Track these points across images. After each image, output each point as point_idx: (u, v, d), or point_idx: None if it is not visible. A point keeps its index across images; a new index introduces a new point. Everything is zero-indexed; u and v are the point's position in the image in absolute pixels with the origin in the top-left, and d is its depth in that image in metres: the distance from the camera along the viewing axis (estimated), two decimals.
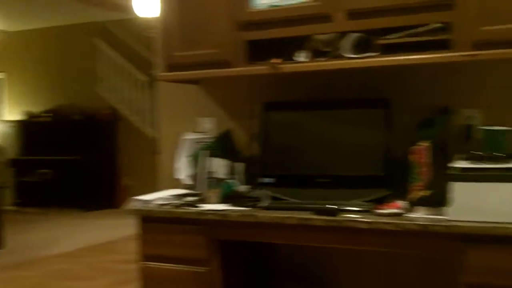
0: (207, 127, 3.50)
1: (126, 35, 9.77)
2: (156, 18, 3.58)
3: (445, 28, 2.61)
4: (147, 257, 3.01)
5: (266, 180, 2.99)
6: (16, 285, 5.27)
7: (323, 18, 2.83)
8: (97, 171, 9.64)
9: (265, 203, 2.80)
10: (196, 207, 2.91)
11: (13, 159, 10.12)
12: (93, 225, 8.31)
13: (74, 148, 9.71)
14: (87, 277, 5.50)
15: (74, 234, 7.63)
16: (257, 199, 2.83)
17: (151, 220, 2.98)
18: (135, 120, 9.73)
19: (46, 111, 10.27)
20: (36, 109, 10.42)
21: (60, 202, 9.61)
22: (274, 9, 2.96)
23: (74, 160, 9.63)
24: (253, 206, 2.81)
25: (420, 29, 2.66)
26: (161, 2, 3.30)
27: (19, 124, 10.48)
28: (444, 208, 2.43)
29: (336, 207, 2.62)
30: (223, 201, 2.93)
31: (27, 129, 10.37)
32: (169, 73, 3.25)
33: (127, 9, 7.10)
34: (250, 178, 3.07)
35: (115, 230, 7.62)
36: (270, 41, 2.98)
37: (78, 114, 9.96)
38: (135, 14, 6.21)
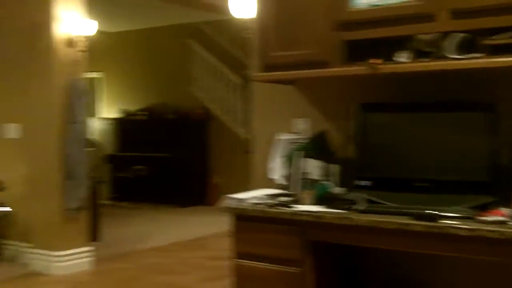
0: (301, 128, 3.48)
1: (219, 36, 9.93)
2: (252, 18, 3.60)
3: None
4: (240, 255, 3.03)
5: (363, 182, 2.94)
6: (112, 276, 5.47)
7: (426, 17, 2.75)
8: (189, 168, 9.85)
9: (362, 206, 2.75)
10: (290, 207, 2.90)
11: (110, 155, 10.50)
12: (184, 221, 8.49)
13: (167, 146, 9.98)
14: (179, 271, 5.62)
15: (167, 229, 7.83)
16: (353, 202, 2.79)
17: (244, 219, 3.01)
18: (226, 120, 9.87)
19: (142, 110, 10.61)
20: (132, 107, 10.77)
21: (153, 198, 9.90)
22: (374, 8, 2.91)
23: (168, 157, 9.88)
24: (349, 209, 2.77)
25: None
26: (258, 2, 3.31)
27: (116, 122, 10.87)
28: None
29: (437, 212, 2.54)
30: (317, 202, 2.91)
31: (124, 126, 10.74)
32: (265, 73, 3.26)
33: (221, 10, 7.18)
34: (345, 180, 3.03)
35: (206, 226, 7.76)
36: (369, 41, 2.93)
37: (171, 113, 10.21)
38: (229, 15, 6.25)
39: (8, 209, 5.60)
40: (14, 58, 5.85)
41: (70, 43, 5.58)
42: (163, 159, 9.94)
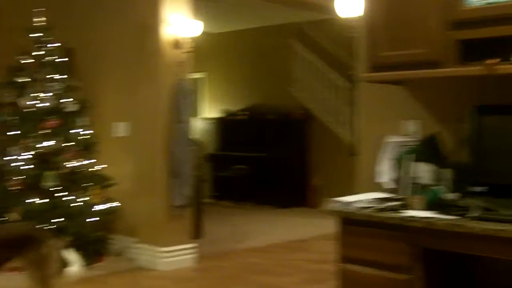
0: (411, 130, 3.38)
1: (321, 36, 9.85)
2: (359, 17, 3.53)
3: None
4: (346, 259, 2.98)
5: (477, 188, 2.81)
6: (213, 274, 5.55)
7: None
8: (288, 169, 9.85)
9: (476, 213, 2.63)
10: (399, 212, 2.82)
11: (211, 154, 10.69)
12: (284, 222, 8.48)
13: (267, 146, 10.03)
14: (279, 273, 5.61)
15: (267, 229, 7.85)
16: (466, 208, 2.67)
17: (351, 223, 2.95)
18: (328, 121, 9.74)
19: (243, 110, 10.72)
20: (233, 107, 10.92)
21: (253, 198, 9.97)
22: (489, 6, 2.78)
23: (268, 157, 9.93)
24: (462, 216, 2.65)
25: None
26: (366, 1, 3.25)
27: (217, 121, 11.05)
28: None
29: None
30: (428, 208, 2.81)
31: (225, 126, 10.90)
32: (373, 74, 3.19)
33: (325, 9, 7.14)
34: (458, 186, 2.90)
35: (306, 228, 7.73)
36: (484, 40, 2.80)
37: (272, 113, 10.24)
38: (333, 15, 6.19)
39: (116, 204, 5.81)
40: (124, 60, 6.07)
41: (177, 44, 5.71)
42: (263, 159, 10.00)
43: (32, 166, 5.48)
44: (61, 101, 5.73)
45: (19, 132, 5.57)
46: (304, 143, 10.02)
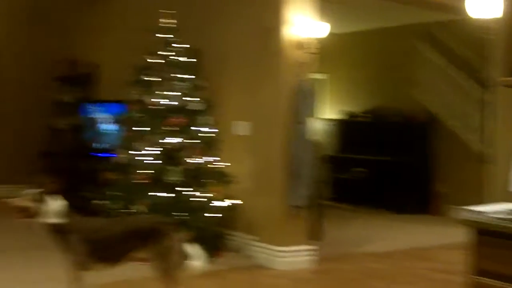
0: None
1: (450, 37, 9.44)
2: (494, 19, 3.33)
3: None
4: (480, 272, 2.80)
5: None
6: (332, 276, 5.49)
7: None
8: (411, 174, 9.51)
9: None
10: None
11: (330, 156, 10.56)
12: (405, 228, 8.21)
13: (389, 150, 9.74)
14: (401, 280, 5.43)
15: (386, 235, 7.65)
16: None
17: (487, 233, 2.77)
18: (455, 126, 9.29)
19: (365, 112, 10.52)
20: (355, 109, 10.75)
21: (372, 202, 9.74)
22: None
23: (389, 161, 9.67)
24: None
25: None
26: (506, 1, 3.05)
27: (338, 123, 10.91)
28: None
29: None
30: None
31: (346, 128, 10.74)
32: None
33: (456, 10, 6.82)
34: None
35: (428, 236, 7.46)
36: None
37: (395, 115, 9.96)
38: (464, 15, 5.91)
39: (238, 201, 5.87)
40: (247, 60, 6.15)
41: (299, 45, 5.69)
42: (384, 163, 9.75)
43: (157, 161, 5.65)
44: (187, 99, 5.88)
45: (146, 128, 5.77)
46: (427, 148, 9.64)
